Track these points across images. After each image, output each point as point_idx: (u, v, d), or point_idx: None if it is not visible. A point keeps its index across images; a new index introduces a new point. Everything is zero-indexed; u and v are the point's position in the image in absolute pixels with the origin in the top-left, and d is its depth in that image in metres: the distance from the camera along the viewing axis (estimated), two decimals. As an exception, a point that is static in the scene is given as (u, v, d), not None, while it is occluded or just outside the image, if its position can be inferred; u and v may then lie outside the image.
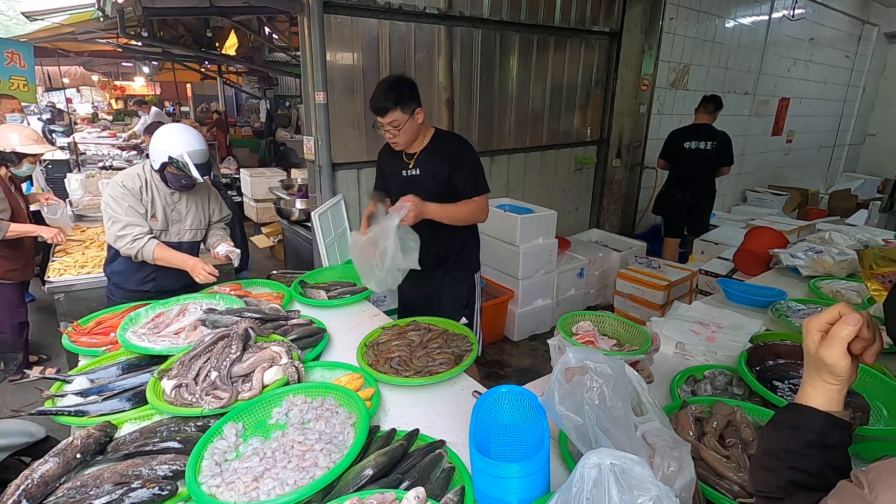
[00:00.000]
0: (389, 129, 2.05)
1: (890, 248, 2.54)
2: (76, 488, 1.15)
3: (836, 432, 0.75)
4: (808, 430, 0.75)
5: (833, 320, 0.75)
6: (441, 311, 2.17)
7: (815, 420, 0.75)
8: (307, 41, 3.25)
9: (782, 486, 0.76)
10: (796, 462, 0.75)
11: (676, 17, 5.16)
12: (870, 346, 0.74)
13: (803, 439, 0.75)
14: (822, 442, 0.74)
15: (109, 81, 13.64)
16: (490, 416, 1.30)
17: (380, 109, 2.01)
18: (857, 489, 0.62)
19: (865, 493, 0.61)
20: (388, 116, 2.01)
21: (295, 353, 1.60)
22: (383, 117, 2.02)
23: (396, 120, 2.02)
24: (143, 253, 2.16)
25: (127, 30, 4.56)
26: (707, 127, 4.43)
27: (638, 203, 5.68)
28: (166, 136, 2.14)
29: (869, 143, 9.69)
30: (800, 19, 6.74)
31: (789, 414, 0.80)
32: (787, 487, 0.76)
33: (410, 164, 2.18)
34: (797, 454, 0.76)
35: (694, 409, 1.36)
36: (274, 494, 1.09)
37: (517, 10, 4.18)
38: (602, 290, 4.59)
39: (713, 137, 4.40)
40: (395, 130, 2.05)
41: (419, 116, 2.08)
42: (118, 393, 1.49)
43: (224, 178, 6.89)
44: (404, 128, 2.04)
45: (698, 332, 1.90)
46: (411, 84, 2.05)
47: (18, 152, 3.00)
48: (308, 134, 3.53)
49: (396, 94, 1.99)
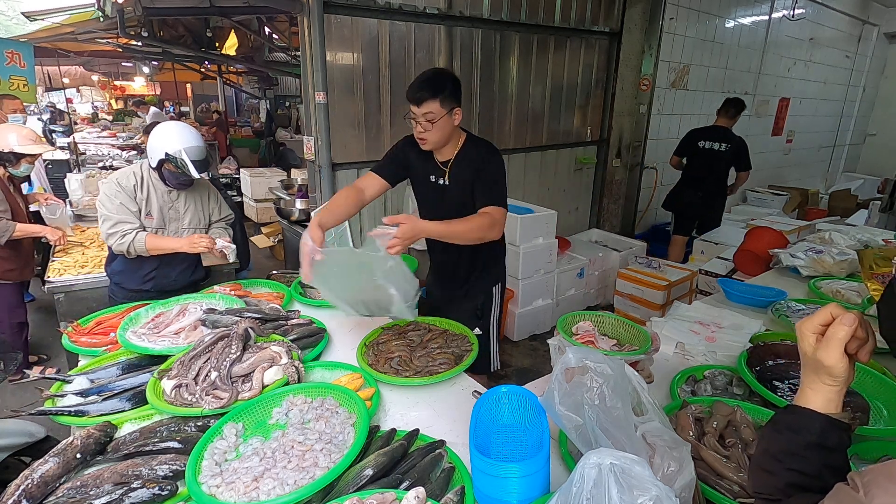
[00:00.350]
0: (422, 121, 1.85)
1: (890, 248, 2.54)
2: (76, 488, 1.15)
3: (835, 434, 0.75)
4: (807, 432, 0.75)
5: (826, 321, 0.75)
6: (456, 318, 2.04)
7: (815, 422, 0.75)
8: (307, 41, 3.25)
9: (781, 487, 0.76)
10: (795, 464, 0.75)
11: (676, 17, 5.17)
12: (864, 345, 0.75)
13: (803, 441, 0.75)
14: (822, 444, 0.74)
15: (109, 81, 13.64)
16: (490, 416, 1.30)
17: (416, 98, 1.83)
18: (853, 492, 0.62)
19: (861, 495, 0.61)
20: (423, 107, 1.82)
21: (295, 353, 1.60)
22: (418, 107, 1.83)
23: (432, 112, 1.82)
24: (135, 246, 2.16)
25: (127, 30, 4.56)
26: (724, 130, 4.51)
27: (638, 203, 5.69)
28: (163, 134, 2.14)
29: (869, 143, 9.69)
30: (800, 19, 6.74)
31: (788, 416, 0.80)
32: (785, 489, 0.76)
33: (444, 173, 1.99)
34: (796, 456, 0.76)
35: (694, 409, 1.36)
36: (274, 494, 1.09)
37: (517, 10, 4.19)
38: (602, 290, 4.59)
39: (728, 140, 4.48)
40: (427, 124, 1.84)
41: (456, 117, 1.90)
42: (118, 393, 1.49)
43: (224, 178, 6.89)
44: (438, 124, 1.84)
45: (698, 332, 1.90)
46: (456, 81, 1.89)
47: (16, 152, 3.00)
48: (308, 134, 3.53)
49: (438, 85, 1.82)
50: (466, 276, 2.18)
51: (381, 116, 3.69)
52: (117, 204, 2.16)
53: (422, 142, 1.91)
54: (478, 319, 2.20)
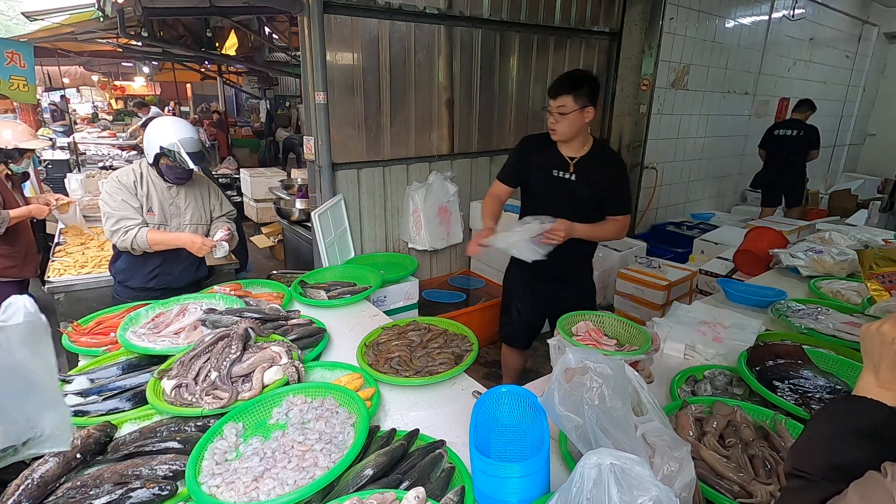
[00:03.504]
0: (555, 113, 2.05)
1: (890, 248, 2.54)
2: (76, 488, 1.15)
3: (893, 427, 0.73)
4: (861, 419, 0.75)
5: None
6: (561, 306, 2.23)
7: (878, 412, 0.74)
8: (307, 41, 3.25)
9: (821, 465, 0.75)
10: (843, 447, 0.74)
11: (676, 17, 5.16)
12: None
13: (853, 426, 0.75)
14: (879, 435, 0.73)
15: (109, 81, 13.64)
16: (490, 416, 1.30)
17: (554, 91, 2.05)
18: (881, 477, 0.63)
19: (888, 480, 0.62)
20: (559, 100, 2.03)
21: (295, 353, 1.60)
22: (554, 99, 2.04)
23: (565, 106, 2.02)
24: (138, 241, 2.17)
25: (127, 30, 4.57)
26: (797, 121, 5.73)
27: (638, 203, 5.68)
28: (158, 128, 2.17)
29: (869, 143, 9.68)
30: (800, 19, 6.73)
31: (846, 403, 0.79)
32: (827, 470, 0.74)
33: (570, 167, 2.15)
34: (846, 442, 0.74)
35: (694, 409, 1.36)
36: (274, 494, 1.09)
37: (517, 10, 4.18)
38: (602, 290, 4.57)
39: (799, 128, 5.66)
40: (559, 116, 2.04)
41: (588, 115, 2.07)
42: (118, 393, 1.49)
43: (224, 178, 6.89)
44: (570, 117, 2.03)
45: (705, 333, 1.90)
46: (595, 83, 2.07)
47: (20, 148, 3.03)
48: (308, 134, 3.53)
49: (576, 83, 2.02)
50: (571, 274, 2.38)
51: (381, 116, 3.68)
52: (119, 201, 2.17)
53: (553, 132, 2.11)
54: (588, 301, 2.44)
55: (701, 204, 6.72)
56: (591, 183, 2.13)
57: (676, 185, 6.22)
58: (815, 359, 1.63)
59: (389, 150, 3.80)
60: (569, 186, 2.16)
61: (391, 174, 3.86)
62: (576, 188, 2.15)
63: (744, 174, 7.22)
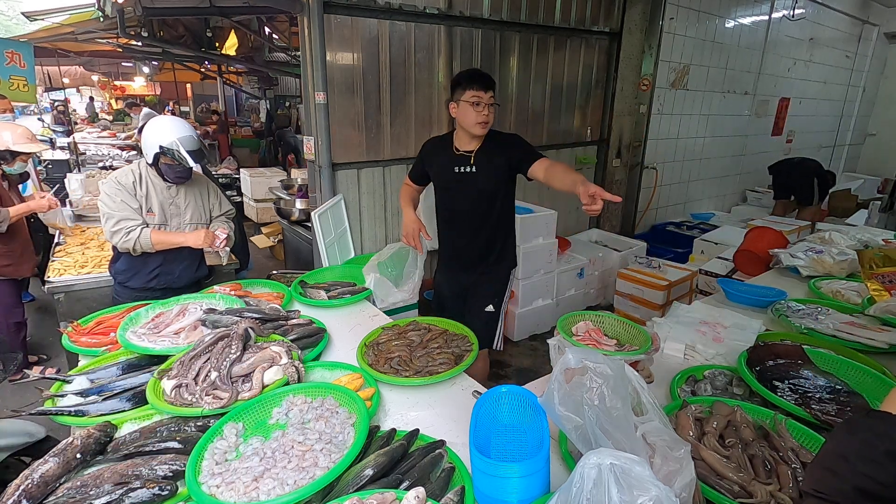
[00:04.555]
0: (487, 104, 2.11)
1: (890, 248, 2.54)
2: (76, 488, 1.15)
3: None
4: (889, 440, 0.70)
5: None
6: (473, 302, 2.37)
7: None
8: (307, 41, 3.25)
9: (846, 490, 0.70)
10: (868, 469, 0.69)
11: (676, 17, 5.17)
12: None
13: (884, 447, 0.69)
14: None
15: (109, 81, 13.64)
16: (490, 416, 1.30)
17: (486, 84, 2.10)
18: None
19: None
20: (489, 93, 2.11)
21: (295, 353, 1.60)
22: (485, 92, 2.09)
23: (493, 98, 2.12)
24: (141, 242, 2.17)
25: (127, 30, 4.57)
26: None
27: (638, 203, 5.68)
28: (156, 128, 2.17)
29: (869, 143, 9.68)
30: (800, 19, 6.74)
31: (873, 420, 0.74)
32: (852, 494, 0.70)
33: (470, 160, 2.23)
34: (871, 462, 0.69)
35: (694, 409, 1.36)
36: (274, 494, 1.09)
37: (517, 10, 4.18)
38: (602, 290, 4.59)
39: None
40: (490, 108, 2.12)
41: None
42: (118, 393, 1.49)
43: (224, 178, 6.89)
44: (491, 111, 2.13)
45: (705, 333, 1.89)
46: None
47: (12, 150, 3.02)
48: (308, 134, 3.53)
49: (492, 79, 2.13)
50: (485, 261, 2.39)
51: (381, 116, 3.69)
52: (118, 201, 2.17)
53: (484, 124, 2.15)
54: (493, 299, 2.42)
55: (701, 204, 6.73)
56: (491, 170, 2.21)
57: (676, 185, 6.22)
58: (815, 359, 1.63)
59: (389, 150, 3.80)
60: (469, 180, 2.24)
61: (391, 174, 3.86)
62: (478, 181, 2.23)
63: (743, 174, 7.22)
